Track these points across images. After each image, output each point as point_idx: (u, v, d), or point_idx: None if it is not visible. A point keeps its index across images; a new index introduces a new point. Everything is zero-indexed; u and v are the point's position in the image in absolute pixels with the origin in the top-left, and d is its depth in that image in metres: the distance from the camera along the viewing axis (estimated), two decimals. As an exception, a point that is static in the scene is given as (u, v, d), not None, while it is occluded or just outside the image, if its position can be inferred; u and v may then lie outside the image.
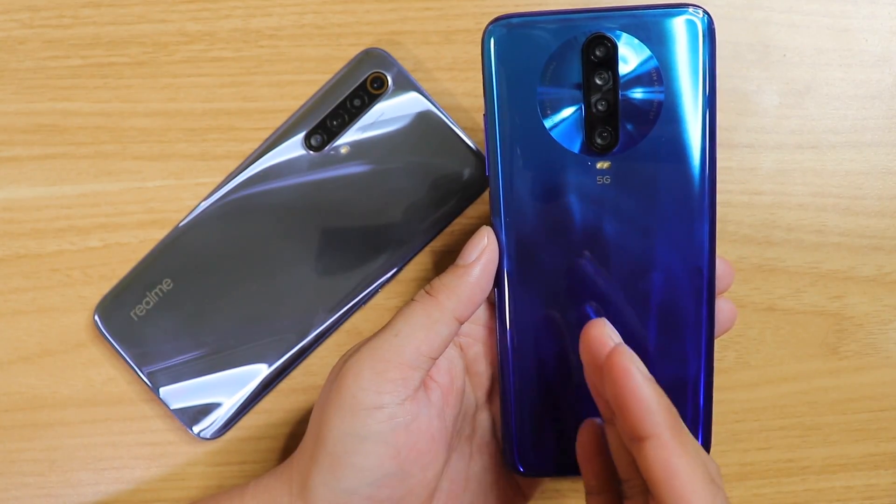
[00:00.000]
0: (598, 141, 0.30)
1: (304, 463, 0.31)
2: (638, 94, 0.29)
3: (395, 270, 0.37)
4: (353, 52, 0.37)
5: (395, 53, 0.37)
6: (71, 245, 0.38)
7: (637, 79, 0.29)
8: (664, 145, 0.30)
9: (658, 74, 0.29)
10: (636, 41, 0.29)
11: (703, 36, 0.29)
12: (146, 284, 0.37)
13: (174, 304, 0.37)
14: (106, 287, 0.37)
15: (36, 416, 0.38)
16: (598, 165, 0.30)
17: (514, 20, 0.29)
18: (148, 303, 0.37)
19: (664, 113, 0.29)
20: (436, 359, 0.31)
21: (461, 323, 0.31)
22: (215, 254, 0.37)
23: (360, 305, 0.37)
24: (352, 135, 0.37)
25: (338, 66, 0.37)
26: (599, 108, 0.29)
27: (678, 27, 0.29)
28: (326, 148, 0.37)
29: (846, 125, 0.39)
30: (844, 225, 0.39)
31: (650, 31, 0.29)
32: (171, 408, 0.37)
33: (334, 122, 0.37)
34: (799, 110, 0.39)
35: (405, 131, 0.37)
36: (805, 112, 0.39)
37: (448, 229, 0.38)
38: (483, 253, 0.30)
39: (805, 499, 0.40)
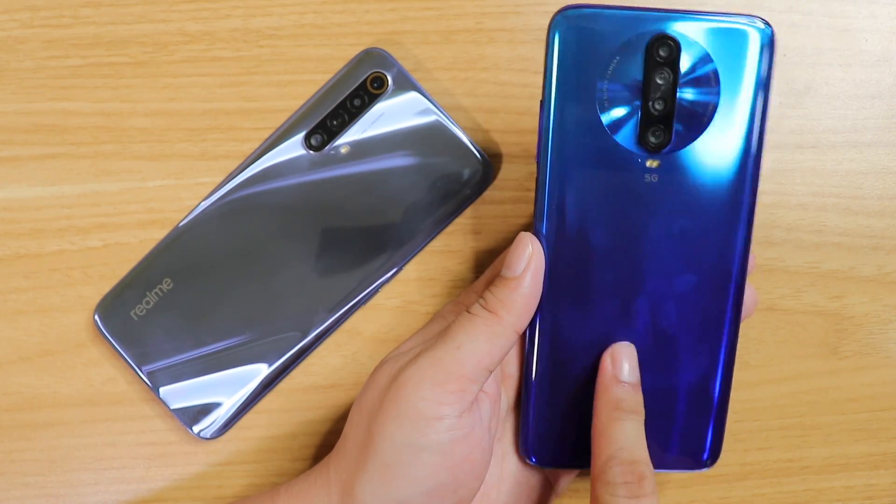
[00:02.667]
0: (652, 139, 0.30)
1: (348, 469, 0.31)
2: (694, 96, 0.30)
3: (395, 270, 0.37)
4: (353, 52, 0.37)
5: (395, 53, 0.37)
6: (71, 245, 0.38)
7: (695, 81, 0.30)
8: (714, 149, 0.30)
9: (716, 79, 0.30)
10: (699, 45, 0.30)
11: (764, 47, 0.30)
12: (146, 284, 0.37)
13: (174, 303, 0.37)
14: (106, 287, 0.37)
15: (36, 416, 0.38)
16: (648, 163, 0.30)
17: (585, 11, 0.29)
18: (148, 302, 0.37)
19: (718, 117, 0.30)
20: (492, 371, 0.31)
21: (519, 334, 0.31)
22: (215, 254, 0.37)
23: (360, 305, 0.37)
24: (352, 135, 0.37)
25: (338, 66, 0.37)
26: (657, 106, 0.30)
27: (741, 36, 0.30)
28: (326, 148, 0.37)
29: (846, 125, 0.39)
30: (844, 225, 0.39)
31: (713, 36, 0.30)
32: (171, 407, 0.37)
33: (334, 122, 0.37)
34: (799, 110, 0.39)
35: (405, 131, 0.37)
36: (805, 112, 0.39)
37: (448, 229, 0.38)
38: (531, 261, 0.30)
39: (805, 499, 0.40)
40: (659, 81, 0.30)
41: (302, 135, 0.37)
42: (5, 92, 0.37)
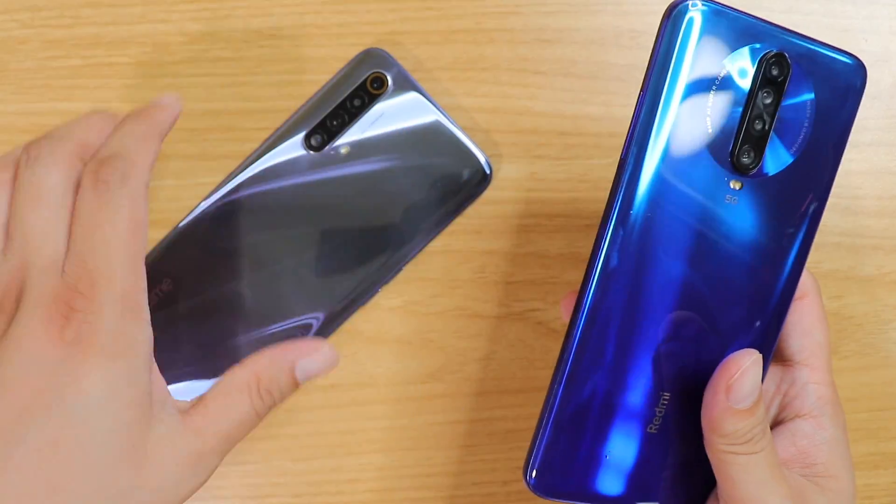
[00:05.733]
0: (744, 159, 0.29)
1: None
2: (791, 123, 0.29)
3: (395, 271, 0.37)
4: (354, 52, 0.37)
5: (395, 53, 0.37)
6: (71, 245, 0.38)
7: (794, 107, 0.29)
8: (793, 180, 0.29)
9: (812, 109, 0.29)
10: (806, 71, 0.29)
11: (858, 88, 0.29)
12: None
13: (174, 304, 0.37)
14: (106, 287, 0.37)
15: (36, 416, 0.38)
16: (732, 184, 0.29)
17: (711, 6, 0.28)
18: (148, 303, 0.37)
19: (805, 148, 0.29)
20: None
21: None
22: (215, 254, 0.37)
23: (360, 305, 0.37)
24: (352, 135, 0.37)
25: (338, 66, 0.37)
26: (756, 126, 0.29)
27: (842, 71, 0.29)
28: (326, 148, 0.37)
29: (846, 125, 0.39)
30: (844, 225, 0.39)
31: (817, 66, 0.29)
32: (172, 408, 0.37)
33: (334, 123, 0.37)
34: (799, 110, 0.39)
35: (405, 131, 0.37)
36: (805, 112, 0.39)
37: (448, 229, 0.38)
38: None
39: (805, 499, 0.40)
40: (764, 101, 0.29)
41: (302, 135, 0.37)
42: (5, 92, 0.37)
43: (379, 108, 0.37)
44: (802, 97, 0.29)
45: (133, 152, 0.28)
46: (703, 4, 0.28)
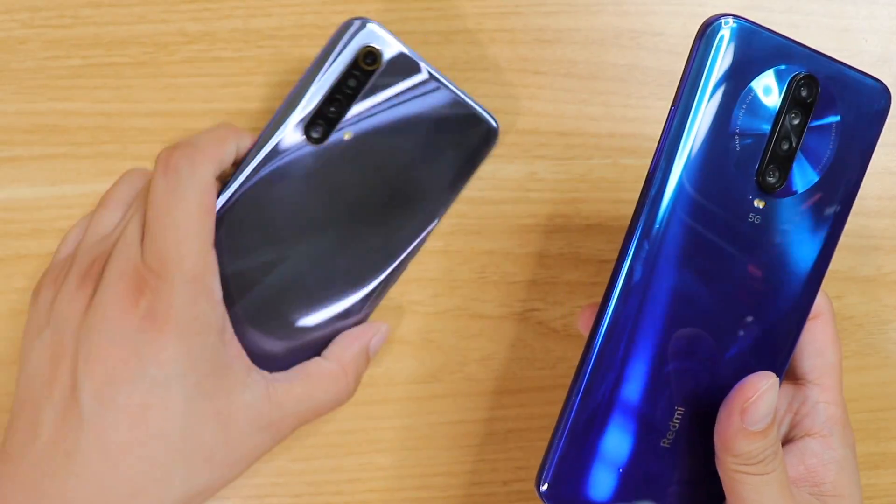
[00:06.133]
0: (769, 178, 0.29)
1: None
2: (816, 144, 0.29)
3: (420, 241, 0.36)
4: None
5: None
6: (71, 245, 0.38)
7: (820, 129, 0.29)
8: (817, 201, 0.30)
9: (837, 132, 0.29)
10: (833, 94, 0.29)
11: (882, 111, 0.29)
12: None
13: None
14: (106, 287, 0.37)
15: (36, 416, 0.38)
16: (756, 203, 0.29)
17: (745, 24, 0.28)
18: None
19: (828, 171, 0.29)
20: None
21: None
22: (229, 263, 0.35)
23: (394, 282, 0.36)
24: (353, 118, 0.35)
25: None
26: (783, 146, 0.29)
27: (868, 94, 0.29)
28: (330, 138, 0.35)
29: (846, 125, 0.39)
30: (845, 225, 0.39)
31: (844, 88, 0.29)
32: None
33: (331, 109, 0.35)
34: (799, 110, 0.39)
35: (406, 102, 0.35)
36: (805, 112, 0.39)
37: (449, 229, 0.38)
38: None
39: (805, 498, 0.40)
40: (793, 121, 0.29)
41: (300, 128, 0.35)
42: (6, 92, 0.37)
43: (376, 83, 0.35)
44: (828, 119, 0.29)
45: (205, 145, 0.31)
46: (734, 22, 0.28)
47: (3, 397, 0.38)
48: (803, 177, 0.29)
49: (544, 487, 0.30)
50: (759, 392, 0.28)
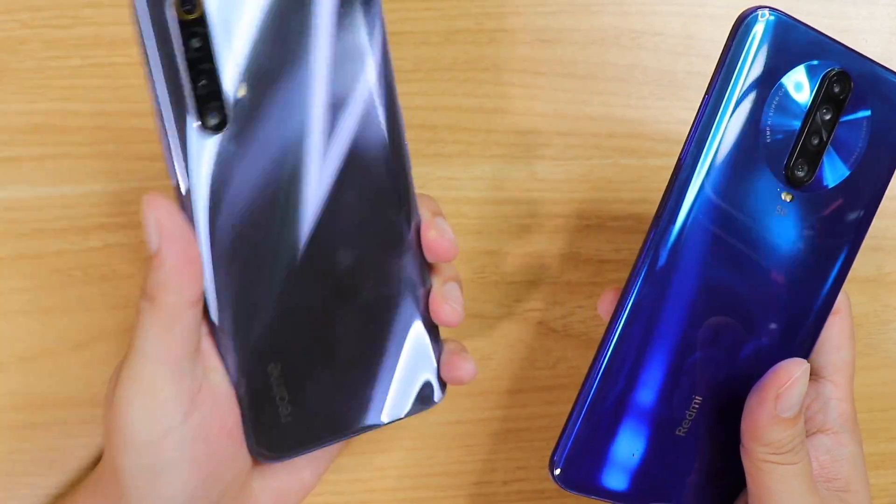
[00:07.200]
0: (798, 172, 0.29)
1: (113, 491, 0.29)
2: (846, 140, 0.29)
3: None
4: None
5: (396, 53, 0.37)
6: (71, 245, 0.38)
7: (850, 125, 0.29)
8: (844, 198, 0.30)
9: (867, 129, 0.29)
10: (865, 91, 0.29)
11: None
12: None
13: None
14: (106, 287, 0.37)
15: (36, 416, 0.38)
16: (783, 196, 0.29)
17: (782, 18, 0.28)
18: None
19: (857, 167, 0.30)
20: (196, 350, 0.28)
21: (196, 302, 0.27)
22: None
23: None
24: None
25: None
26: (812, 140, 0.29)
27: None
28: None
29: (846, 125, 0.39)
30: (844, 225, 0.39)
31: (877, 85, 0.29)
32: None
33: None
34: (799, 110, 0.39)
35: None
36: (805, 112, 0.39)
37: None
38: (162, 226, 0.26)
39: (805, 499, 0.40)
40: (824, 116, 0.29)
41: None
42: (6, 92, 0.37)
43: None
44: (859, 114, 0.29)
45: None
46: (771, 15, 0.28)
47: (3, 397, 0.38)
48: (833, 172, 0.30)
49: (557, 471, 0.30)
50: (794, 378, 0.28)
